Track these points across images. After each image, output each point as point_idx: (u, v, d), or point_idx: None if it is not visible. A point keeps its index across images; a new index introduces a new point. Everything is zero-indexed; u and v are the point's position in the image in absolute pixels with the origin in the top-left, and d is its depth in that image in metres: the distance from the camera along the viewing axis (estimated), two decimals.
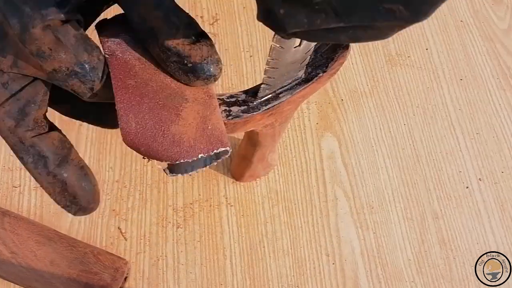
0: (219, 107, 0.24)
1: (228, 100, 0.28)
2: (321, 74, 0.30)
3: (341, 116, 0.47)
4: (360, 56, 0.49)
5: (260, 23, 0.20)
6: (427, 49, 0.50)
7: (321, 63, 0.30)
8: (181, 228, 0.41)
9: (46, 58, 0.22)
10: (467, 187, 0.44)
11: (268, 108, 0.29)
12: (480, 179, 0.45)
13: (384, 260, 0.41)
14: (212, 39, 0.24)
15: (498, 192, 0.44)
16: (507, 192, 0.44)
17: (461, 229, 0.43)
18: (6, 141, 0.24)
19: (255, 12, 0.51)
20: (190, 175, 0.23)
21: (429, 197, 0.44)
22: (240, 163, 0.40)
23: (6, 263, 0.38)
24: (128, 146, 0.21)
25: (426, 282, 0.41)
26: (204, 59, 0.23)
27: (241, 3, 0.51)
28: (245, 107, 0.28)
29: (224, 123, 0.25)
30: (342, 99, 0.47)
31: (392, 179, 0.44)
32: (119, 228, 0.41)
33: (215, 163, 0.23)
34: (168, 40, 0.23)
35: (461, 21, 0.52)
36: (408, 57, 0.50)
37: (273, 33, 0.23)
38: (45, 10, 0.21)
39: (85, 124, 0.44)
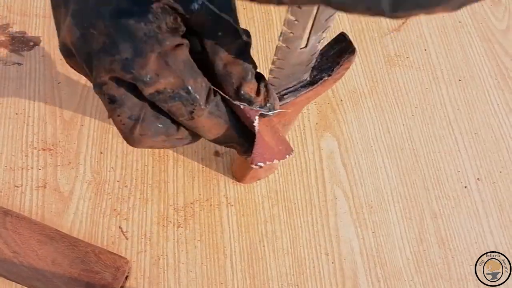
0: None
1: None
2: (326, 78, 0.31)
3: (341, 116, 0.47)
4: (359, 57, 0.50)
5: (260, 26, 0.21)
6: (425, 50, 0.51)
7: (326, 67, 0.31)
8: (181, 227, 0.41)
9: (149, 83, 0.23)
10: (465, 187, 0.45)
11: None
12: (478, 178, 0.45)
13: (383, 259, 0.41)
14: None
15: (497, 191, 0.45)
16: (505, 192, 0.45)
17: (460, 229, 0.43)
18: None
19: (255, 13, 0.51)
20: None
21: (427, 196, 0.44)
22: (242, 165, 0.40)
23: (8, 262, 0.38)
24: (255, 165, 0.28)
25: (425, 281, 0.41)
26: (265, 103, 0.26)
27: (241, 4, 0.51)
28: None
29: None
30: (341, 100, 0.48)
31: (391, 179, 0.44)
32: (120, 227, 0.41)
33: None
34: (243, 86, 0.25)
35: (460, 22, 0.52)
36: (407, 57, 0.50)
37: (279, 33, 0.24)
38: (161, 36, 0.22)
39: (86, 123, 0.45)
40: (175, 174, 0.43)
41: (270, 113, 0.28)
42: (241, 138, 0.28)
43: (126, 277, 0.39)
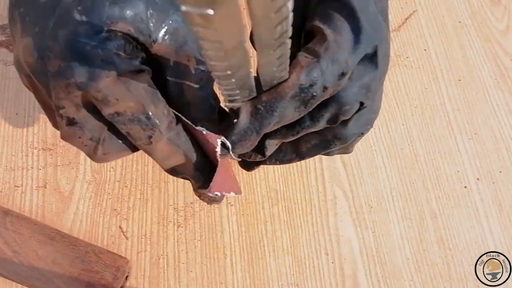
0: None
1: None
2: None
3: None
4: None
5: None
6: (425, 50, 0.51)
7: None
8: (181, 227, 0.41)
9: (108, 105, 0.23)
10: (465, 187, 0.45)
11: None
12: (478, 178, 0.45)
13: (382, 259, 0.42)
14: None
15: (496, 191, 0.45)
16: (505, 192, 0.45)
17: (459, 229, 0.43)
18: None
19: None
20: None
21: (427, 196, 0.44)
22: None
23: (8, 262, 0.38)
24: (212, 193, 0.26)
25: (424, 280, 0.41)
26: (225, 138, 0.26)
27: (242, 4, 0.51)
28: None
29: None
30: None
31: (390, 179, 0.45)
32: (120, 227, 0.41)
33: None
34: (201, 119, 0.26)
35: (459, 22, 0.52)
36: (407, 57, 0.50)
37: None
38: (119, 61, 0.23)
39: None
40: None
41: (229, 144, 0.27)
42: (197, 171, 0.27)
43: (126, 277, 0.39)
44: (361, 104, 0.26)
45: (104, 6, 0.22)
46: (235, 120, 0.24)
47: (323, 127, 0.26)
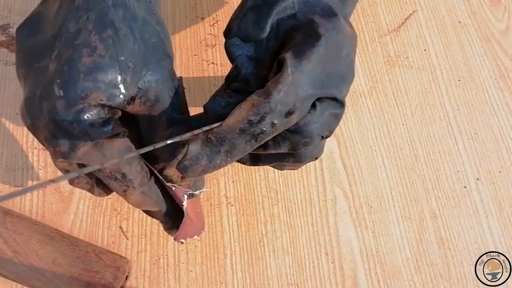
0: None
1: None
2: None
3: None
4: (359, 57, 0.50)
5: None
6: (425, 50, 0.51)
7: None
8: None
9: (91, 164, 0.26)
10: (465, 187, 0.45)
11: None
12: (478, 178, 0.45)
13: (382, 259, 0.42)
14: (213, 40, 0.26)
15: (496, 191, 0.45)
16: (505, 192, 0.45)
17: (459, 229, 0.43)
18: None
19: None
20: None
21: (427, 196, 0.44)
22: None
23: (8, 262, 0.38)
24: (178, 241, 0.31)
25: (424, 280, 0.41)
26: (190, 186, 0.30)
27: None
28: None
29: None
30: None
31: (390, 179, 0.45)
32: (120, 227, 0.41)
33: None
34: (167, 169, 0.29)
35: (459, 22, 0.52)
36: (407, 57, 0.50)
37: None
38: (94, 131, 0.25)
39: None
40: None
41: (197, 192, 0.30)
42: (166, 217, 0.31)
43: (127, 277, 0.39)
44: (322, 137, 0.28)
45: (78, 78, 0.24)
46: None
47: (284, 151, 0.29)
